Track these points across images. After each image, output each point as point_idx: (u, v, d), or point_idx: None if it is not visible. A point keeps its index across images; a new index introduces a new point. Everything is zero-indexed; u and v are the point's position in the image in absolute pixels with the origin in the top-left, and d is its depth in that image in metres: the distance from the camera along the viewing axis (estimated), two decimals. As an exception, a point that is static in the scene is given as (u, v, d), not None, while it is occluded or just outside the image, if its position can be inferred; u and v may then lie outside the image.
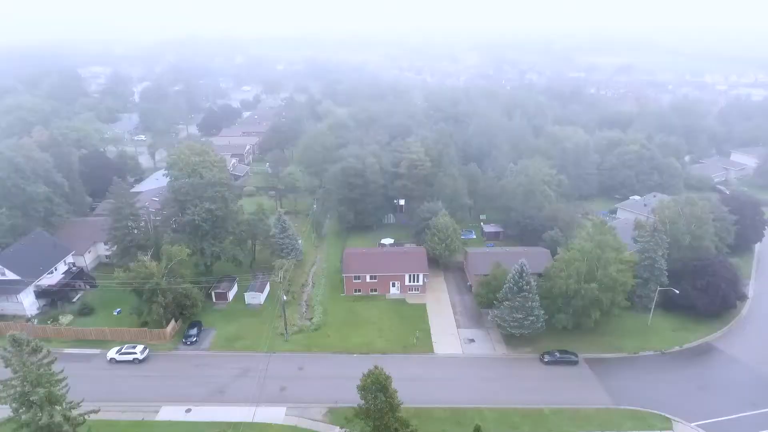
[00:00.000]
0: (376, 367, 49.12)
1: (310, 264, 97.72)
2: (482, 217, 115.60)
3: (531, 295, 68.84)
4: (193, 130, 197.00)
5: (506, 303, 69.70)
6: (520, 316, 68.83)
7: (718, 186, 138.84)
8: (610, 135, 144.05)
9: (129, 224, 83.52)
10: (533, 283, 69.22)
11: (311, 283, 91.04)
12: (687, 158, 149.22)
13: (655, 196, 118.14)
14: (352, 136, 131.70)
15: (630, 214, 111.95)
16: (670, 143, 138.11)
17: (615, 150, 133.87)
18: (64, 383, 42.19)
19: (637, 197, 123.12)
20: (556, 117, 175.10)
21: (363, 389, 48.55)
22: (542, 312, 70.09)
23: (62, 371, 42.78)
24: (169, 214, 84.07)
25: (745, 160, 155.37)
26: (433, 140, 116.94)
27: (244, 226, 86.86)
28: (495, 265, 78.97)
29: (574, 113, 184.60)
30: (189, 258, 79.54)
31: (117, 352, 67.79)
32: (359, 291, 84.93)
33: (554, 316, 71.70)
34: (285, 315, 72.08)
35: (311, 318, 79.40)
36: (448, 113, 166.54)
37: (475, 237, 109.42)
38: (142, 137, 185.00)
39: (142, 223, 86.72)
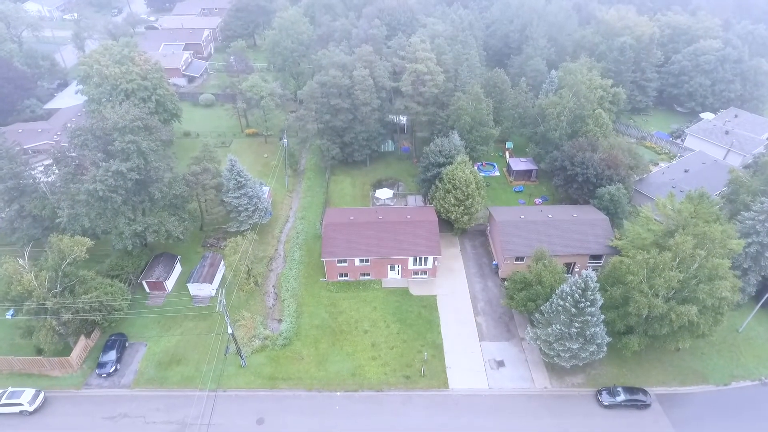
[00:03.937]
0: None
1: (281, 221, 73.87)
2: (508, 145, 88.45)
3: (595, 318, 46.86)
4: (140, 6, 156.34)
5: (557, 326, 47.88)
6: (576, 345, 47.60)
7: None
8: (676, 20, 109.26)
9: (12, 185, 57.79)
10: (600, 301, 46.68)
11: (282, 255, 68.31)
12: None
13: (736, 116, 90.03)
14: (336, 26, 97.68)
15: (705, 143, 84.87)
16: (756, 34, 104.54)
17: (684, 46, 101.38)
18: None
19: (709, 115, 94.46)
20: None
21: None
22: (606, 336, 48.86)
23: None
24: (67, 174, 57.45)
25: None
26: (447, 38, 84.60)
27: (181, 188, 60.97)
28: (538, 254, 55.58)
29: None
30: (97, 243, 55.67)
31: (-5, 403, 47.48)
32: (345, 276, 62.46)
33: (620, 338, 50.54)
34: (237, 343, 50.32)
35: (279, 320, 58.31)
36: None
37: (498, 174, 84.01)
38: (75, 16, 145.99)
39: (36, 179, 60.79)
